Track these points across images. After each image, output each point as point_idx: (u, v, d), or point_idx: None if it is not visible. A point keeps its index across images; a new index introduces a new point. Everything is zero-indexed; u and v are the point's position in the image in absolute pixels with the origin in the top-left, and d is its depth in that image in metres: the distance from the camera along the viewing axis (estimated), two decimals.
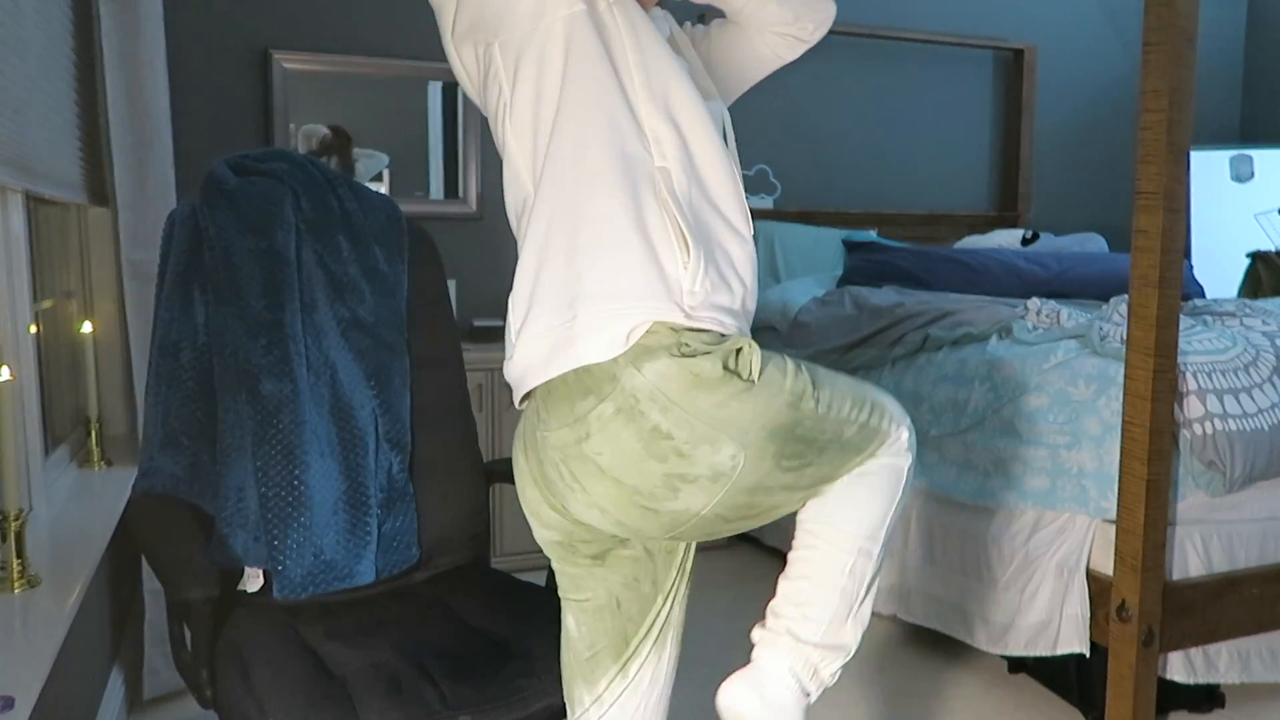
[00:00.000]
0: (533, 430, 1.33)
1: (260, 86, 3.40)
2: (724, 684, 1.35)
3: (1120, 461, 2.13)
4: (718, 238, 1.28)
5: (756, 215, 4.05)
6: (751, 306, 1.35)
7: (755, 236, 1.36)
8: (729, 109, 1.46)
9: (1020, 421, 2.46)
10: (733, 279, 1.29)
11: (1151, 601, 2.12)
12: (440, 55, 1.38)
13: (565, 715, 1.61)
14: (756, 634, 1.40)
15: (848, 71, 4.30)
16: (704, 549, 1.43)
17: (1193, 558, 2.28)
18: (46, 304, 2.22)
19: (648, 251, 1.22)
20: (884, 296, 3.22)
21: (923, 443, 2.73)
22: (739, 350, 1.25)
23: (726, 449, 1.23)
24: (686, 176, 1.26)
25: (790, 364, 1.31)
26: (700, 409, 1.21)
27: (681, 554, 1.45)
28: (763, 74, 1.52)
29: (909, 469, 1.41)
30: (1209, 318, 2.77)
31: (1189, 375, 2.26)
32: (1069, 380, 2.40)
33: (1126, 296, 2.12)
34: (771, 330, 3.53)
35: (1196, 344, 2.38)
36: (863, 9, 4.23)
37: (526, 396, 1.34)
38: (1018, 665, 2.64)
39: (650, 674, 1.45)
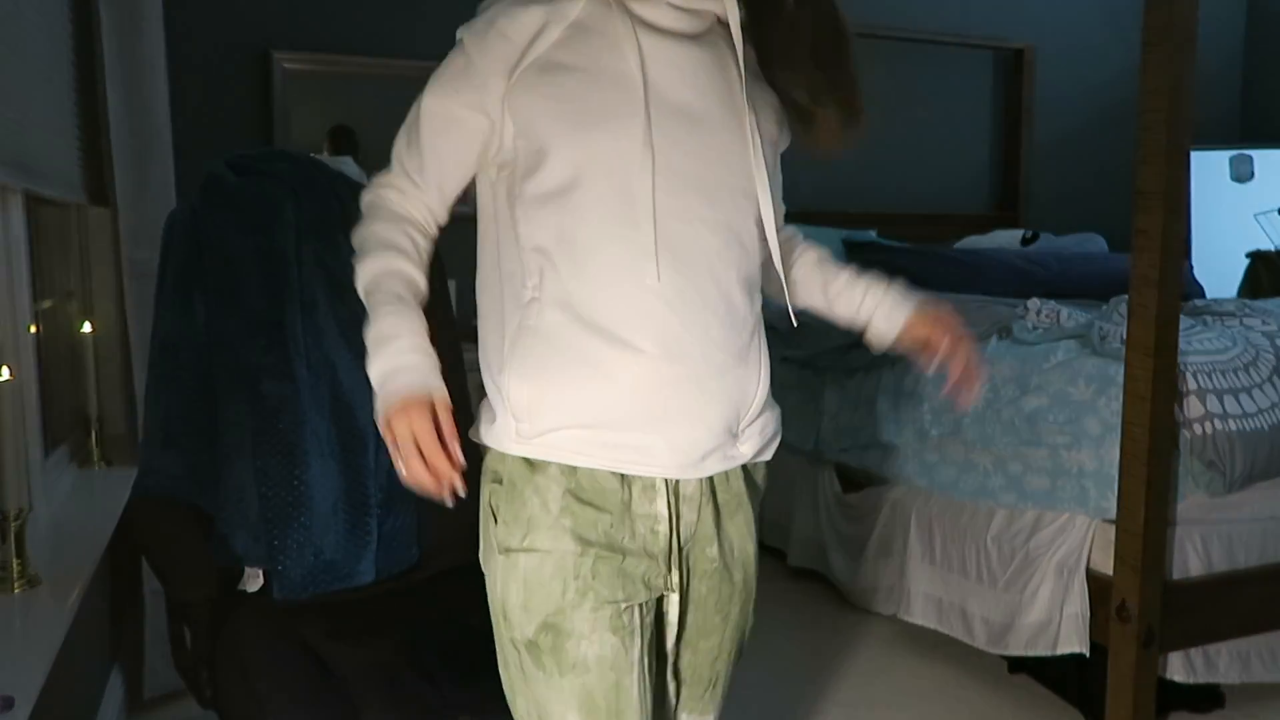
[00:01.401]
0: None
1: (260, 86, 3.40)
2: None
3: (1120, 461, 2.13)
4: (593, 360, 1.12)
5: None
6: (647, 405, 1.13)
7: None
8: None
9: (1020, 421, 2.46)
10: (605, 401, 1.12)
11: (1151, 601, 2.12)
12: (440, 55, 1.38)
13: None
14: None
15: None
16: None
17: (1193, 558, 2.28)
18: (46, 304, 2.22)
19: (491, 374, 1.22)
20: None
21: (923, 442, 2.73)
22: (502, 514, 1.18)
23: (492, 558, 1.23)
24: (559, 309, 1.13)
25: (545, 603, 1.13)
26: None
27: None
28: None
29: None
30: (1209, 318, 2.77)
31: (1189, 375, 2.26)
32: (1069, 380, 2.40)
33: (1126, 296, 2.12)
34: (772, 330, 3.52)
35: (1196, 344, 2.38)
36: (863, 9, 4.21)
37: None
38: (1018, 665, 2.64)
39: None
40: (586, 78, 1.13)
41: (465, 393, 2.15)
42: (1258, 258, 4.03)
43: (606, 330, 1.12)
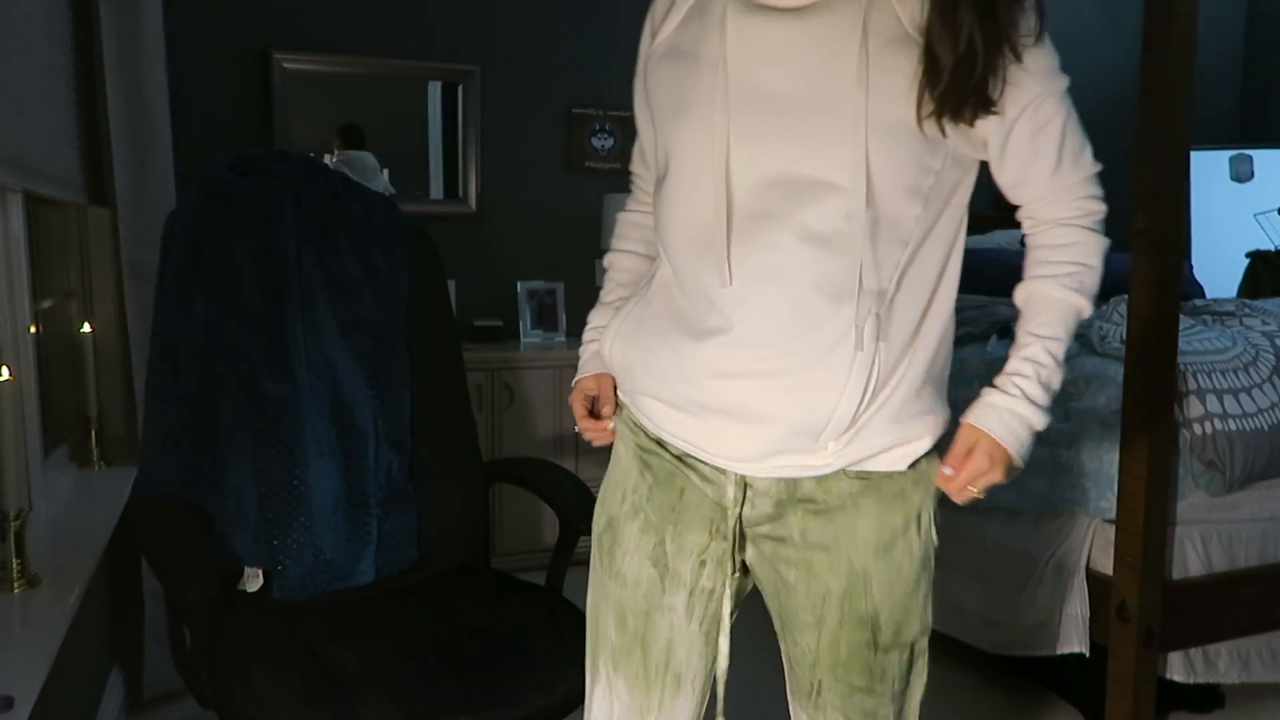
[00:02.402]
0: None
1: (260, 86, 3.40)
2: None
3: (1120, 461, 2.12)
4: (670, 343, 1.16)
5: None
6: (699, 395, 1.13)
7: None
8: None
9: None
10: (671, 384, 1.16)
11: (1151, 601, 2.11)
12: (440, 54, 1.38)
13: (563, 714, 1.61)
14: None
15: None
16: None
17: (1193, 558, 2.28)
18: (46, 304, 2.22)
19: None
20: None
21: None
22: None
23: None
24: (661, 288, 1.21)
25: (610, 504, 1.27)
26: None
27: None
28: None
29: None
30: (1209, 318, 2.77)
31: (1189, 375, 2.26)
32: (1069, 380, 2.40)
33: (1126, 296, 2.12)
34: None
35: (1196, 344, 2.38)
36: None
37: None
38: (1018, 665, 2.64)
39: None
40: (686, 64, 1.12)
41: (465, 392, 2.15)
42: (1258, 258, 4.02)
43: (682, 317, 1.15)
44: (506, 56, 3.69)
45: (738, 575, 1.22)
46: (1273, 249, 4.14)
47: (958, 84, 1.03)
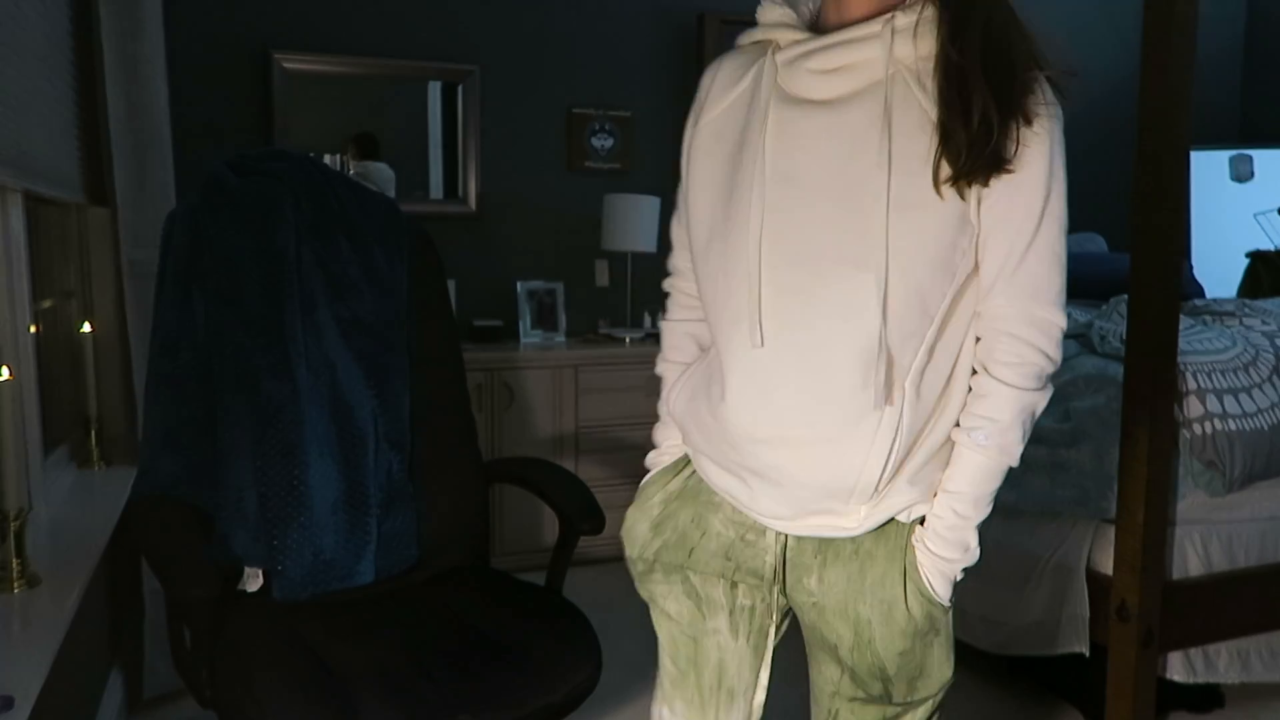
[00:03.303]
0: None
1: (260, 86, 3.40)
2: None
3: (1120, 461, 2.12)
4: (713, 405, 1.21)
5: None
6: (740, 457, 1.19)
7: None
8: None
9: None
10: (715, 442, 1.22)
11: (1151, 601, 2.12)
12: (440, 55, 1.38)
13: (563, 714, 1.61)
14: None
15: None
16: None
17: (1192, 558, 2.28)
18: (46, 304, 2.22)
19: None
20: None
21: None
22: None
23: None
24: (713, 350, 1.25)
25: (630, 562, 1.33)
26: None
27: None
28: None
29: None
30: (1209, 318, 2.77)
31: (1189, 375, 2.26)
32: (1069, 380, 2.40)
33: (1126, 296, 2.12)
34: None
35: (1196, 344, 2.38)
36: None
37: None
38: (1018, 665, 2.64)
39: None
40: (732, 149, 1.19)
41: (465, 392, 2.15)
42: (1258, 258, 4.02)
43: (722, 379, 1.18)
44: (506, 56, 3.69)
45: (776, 596, 1.28)
46: (1273, 249, 4.14)
47: (975, 154, 1.07)
